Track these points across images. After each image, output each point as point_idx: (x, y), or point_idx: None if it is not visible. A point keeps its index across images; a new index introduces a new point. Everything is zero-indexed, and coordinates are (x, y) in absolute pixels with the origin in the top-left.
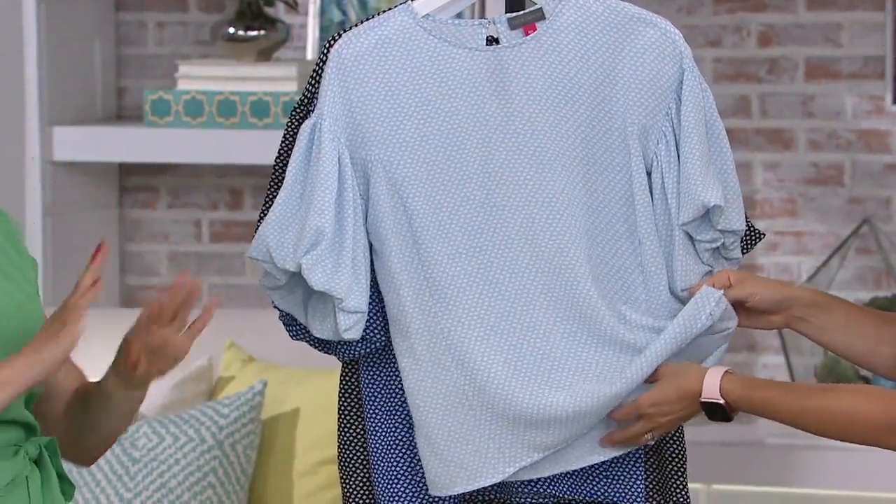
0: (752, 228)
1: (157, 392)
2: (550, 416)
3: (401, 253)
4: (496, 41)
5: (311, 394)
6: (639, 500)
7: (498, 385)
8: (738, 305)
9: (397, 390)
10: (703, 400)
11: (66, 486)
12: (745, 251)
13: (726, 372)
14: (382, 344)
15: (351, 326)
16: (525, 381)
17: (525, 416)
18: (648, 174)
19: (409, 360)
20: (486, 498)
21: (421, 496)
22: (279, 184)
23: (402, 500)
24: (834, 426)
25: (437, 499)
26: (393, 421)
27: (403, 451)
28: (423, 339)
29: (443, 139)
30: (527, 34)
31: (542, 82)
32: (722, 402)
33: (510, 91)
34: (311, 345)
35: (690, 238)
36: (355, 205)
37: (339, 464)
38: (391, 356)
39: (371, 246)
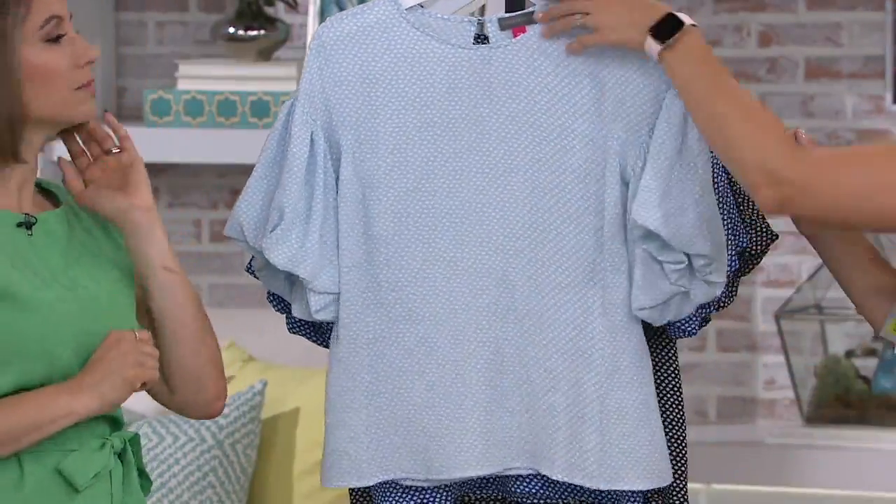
0: (764, 230)
1: None
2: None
3: (351, 240)
4: (486, 40)
5: (311, 394)
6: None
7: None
8: None
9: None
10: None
11: (145, 482)
12: (760, 255)
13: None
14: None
15: (322, 308)
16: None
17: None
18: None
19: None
20: (481, 496)
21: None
22: None
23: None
24: (726, 144)
25: (417, 490)
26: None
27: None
28: (358, 344)
29: (413, 132)
30: (515, 36)
31: (525, 85)
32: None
33: (490, 91)
34: (288, 326)
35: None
36: (326, 186)
37: None
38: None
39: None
